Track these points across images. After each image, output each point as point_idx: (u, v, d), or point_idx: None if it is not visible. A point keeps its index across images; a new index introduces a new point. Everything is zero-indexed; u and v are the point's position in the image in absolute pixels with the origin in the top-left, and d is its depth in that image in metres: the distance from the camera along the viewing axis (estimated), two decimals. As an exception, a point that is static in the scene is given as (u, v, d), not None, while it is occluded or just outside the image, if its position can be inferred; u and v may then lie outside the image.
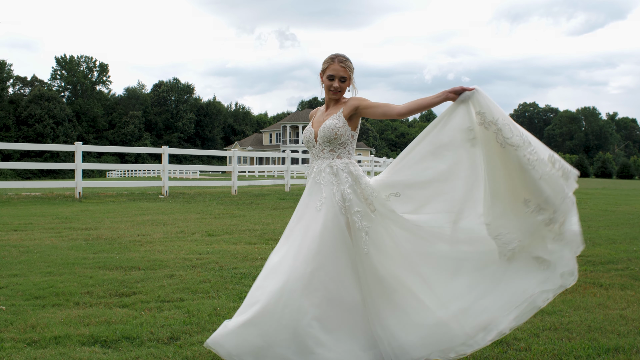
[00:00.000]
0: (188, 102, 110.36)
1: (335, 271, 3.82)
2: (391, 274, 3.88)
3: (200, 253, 8.07)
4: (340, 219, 3.89)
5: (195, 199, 18.03)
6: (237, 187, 21.25)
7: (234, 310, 4.88)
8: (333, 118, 4.08)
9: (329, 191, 3.96)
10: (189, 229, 10.62)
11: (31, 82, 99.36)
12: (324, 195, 3.95)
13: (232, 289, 6.07)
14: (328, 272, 3.79)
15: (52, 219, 11.78)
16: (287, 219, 12.46)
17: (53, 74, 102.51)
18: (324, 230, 3.85)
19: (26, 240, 8.96)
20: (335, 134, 4.04)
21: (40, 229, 10.29)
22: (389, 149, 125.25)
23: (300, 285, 3.74)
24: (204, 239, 9.41)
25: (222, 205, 15.77)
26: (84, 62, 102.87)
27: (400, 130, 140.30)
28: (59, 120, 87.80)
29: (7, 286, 6.04)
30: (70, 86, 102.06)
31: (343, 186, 3.95)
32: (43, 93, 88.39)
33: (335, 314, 3.77)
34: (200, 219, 12.27)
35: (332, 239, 3.84)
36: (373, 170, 31.04)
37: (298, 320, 3.67)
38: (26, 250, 8.11)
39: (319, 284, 3.76)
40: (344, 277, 3.84)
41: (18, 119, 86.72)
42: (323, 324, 3.72)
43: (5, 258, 7.51)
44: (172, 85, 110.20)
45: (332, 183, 3.98)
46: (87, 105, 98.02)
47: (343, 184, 3.96)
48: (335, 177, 4.00)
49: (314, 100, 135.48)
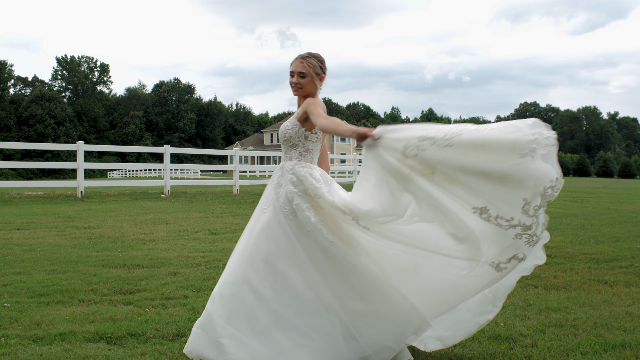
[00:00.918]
0: (189, 102, 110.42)
1: (270, 274, 3.80)
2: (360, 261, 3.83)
3: (204, 251, 8.06)
4: (283, 222, 3.87)
5: (197, 198, 18.02)
6: (239, 186, 21.24)
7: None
8: (290, 119, 4.17)
9: (274, 193, 3.99)
10: (192, 227, 10.61)
11: (32, 83, 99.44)
12: (270, 198, 4.01)
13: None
14: (262, 275, 3.80)
15: (55, 218, 11.78)
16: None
17: (54, 74, 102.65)
18: (260, 233, 3.88)
19: (29, 239, 8.96)
20: (284, 136, 4.11)
21: (43, 228, 10.28)
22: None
23: (228, 290, 3.85)
24: (207, 238, 9.40)
25: (225, 205, 15.77)
26: (84, 63, 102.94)
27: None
28: (60, 120, 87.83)
29: (11, 284, 6.04)
30: (71, 86, 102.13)
31: (288, 187, 3.95)
32: (44, 93, 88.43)
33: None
34: (202, 218, 12.27)
35: (270, 242, 3.84)
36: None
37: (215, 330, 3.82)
38: (29, 248, 8.10)
39: (248, 287, 3.79)
40: (284, 279, 3.80)
41: (19, 119, 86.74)
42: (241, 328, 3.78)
43: (8, 256, 7.50)
44: (172, 86, 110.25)
45: (279, 185, 4.02)
46: (88, 106, 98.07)
47: (287, 185, 3.96)
48: (281, 178, 4.04)
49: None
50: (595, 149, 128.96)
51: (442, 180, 3.55)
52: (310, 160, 4.10)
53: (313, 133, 4.10)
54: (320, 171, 4.06)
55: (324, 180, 3.95)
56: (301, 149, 4.07)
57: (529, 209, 3.41)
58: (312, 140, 4.11)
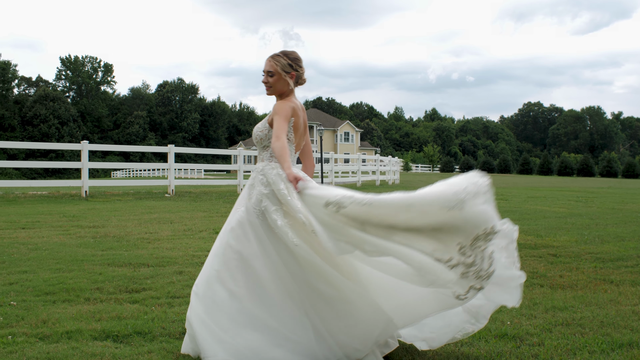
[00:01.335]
0: (192, 102, 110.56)
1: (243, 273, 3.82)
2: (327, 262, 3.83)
3: (209, 250, 8.01)
4: (255, 222, 3.90)
5: (201, 197, 18.04)
6: (242, 185, 21.25)
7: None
8: (262, 121, 4.21)
9: (247, 194, 4.05)
10: (196, 226, 10.61)
11: (36, 83, 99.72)
12: (244, 198, 4.05)
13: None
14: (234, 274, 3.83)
15: (60, 217, 11.79)
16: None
17: (58, 74, 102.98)
18: (231, 233, 3.92)
19: (34, 238, 8.97)
20: (256, 138, 4.18)
21: (48, 227, 10.29)
22: (393, 149, 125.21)
23: (202, 289, 3.90)
24: (211, 237, 9.40)
25: (229, 204, 15.76)
26: (88, 63, 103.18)
27: (405, 129, 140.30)
28: (64, 120, 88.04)
29: (17, 282, 6.04)
30: (75, 86, 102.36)
31: (259, 188, 3.98)
32: (48, 93, 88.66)
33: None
34: (207, 217, 12.27)
35: (242, 241, 3.87)
36: (379, 170, 30.86)
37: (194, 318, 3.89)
38: (35, 247, 8.11)
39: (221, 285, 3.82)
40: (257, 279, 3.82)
41: (23, 119, 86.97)
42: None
43: (14, 255, 7.52)
44: (176, 86, 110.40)
45: (252, 186, 4.06)
46: (91, 106, 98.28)
47: (259, 186, 3.99)
48: (254, 179, 4.09)
49: (318, 100, 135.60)
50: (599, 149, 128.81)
51: (376, 232, 3.61)
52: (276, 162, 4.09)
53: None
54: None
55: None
56: (272, 150, 4.05)
57: (466, 251, 3.46)
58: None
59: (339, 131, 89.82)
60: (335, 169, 28.75)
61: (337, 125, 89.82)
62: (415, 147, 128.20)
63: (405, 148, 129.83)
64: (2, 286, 5.86)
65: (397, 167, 37.81)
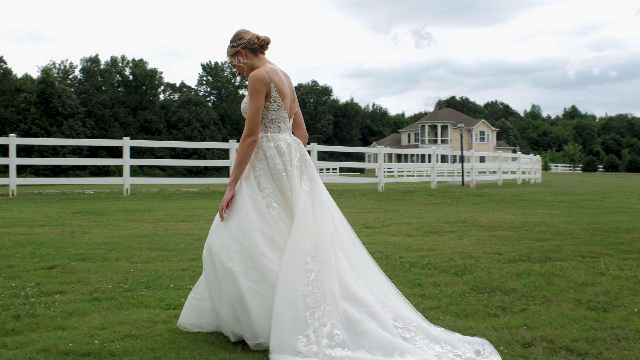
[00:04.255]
0: (326, 103, 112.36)
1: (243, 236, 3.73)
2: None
3: (362, 243, 8.07)
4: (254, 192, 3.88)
5: (344, 195, 18.22)
6: (383, 184, 21.27)
7: (411, 297, 4.86)
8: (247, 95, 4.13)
9: (250, 167, 4.01)
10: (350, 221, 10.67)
11: (179, 89, 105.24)
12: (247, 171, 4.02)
13: (404, 276, 5.98)
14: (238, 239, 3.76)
15: (214, 212, 12.30)
16: (440, 213, 12.35)
17: (199, 80, 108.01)
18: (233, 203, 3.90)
19: (195, 230, 9.40)
20: (244, 112, 4.09)
21: (205, 220, 10.76)
22: (530, 148, 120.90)
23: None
24: (362, 231, 9.44)
25: (372, 201, 15.82)
26: (227, 68, 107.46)
27: (542, 128, 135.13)
28: (206, 123, 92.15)
29: (189, 268, 6.33)
30: (215, 91, 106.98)
31: (254, 162, 3.98)
32: (190, 98, 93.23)
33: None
34: (354, 213, 12.36)
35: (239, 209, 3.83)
36: (520, 168, 29.66)
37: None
38: (197, 238, 8.49)
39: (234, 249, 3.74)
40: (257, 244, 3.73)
41: (168, 123, 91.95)
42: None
43: (181, 244, 7.90)
44: (310, 88, 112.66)
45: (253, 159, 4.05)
46: (230, 109, 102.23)
47: (254, 160, 3.99)
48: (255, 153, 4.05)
49: (452, 99, 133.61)
50: None
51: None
52: (277, 129, 4.05)
53: (271, 102, 4.00)
54: (292, 140, 4.08)
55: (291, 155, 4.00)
56: (265, 120, 4.02)
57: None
58: (274, 109, 4.01)
59: (474, 130, 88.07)
60: (475, 167, 27.98)
61: (472, 125, 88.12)
62: (554, 146, 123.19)
63: (544, 147, 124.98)
64: (176, 271, 6.16)
65: (538, 166, 36.52)
